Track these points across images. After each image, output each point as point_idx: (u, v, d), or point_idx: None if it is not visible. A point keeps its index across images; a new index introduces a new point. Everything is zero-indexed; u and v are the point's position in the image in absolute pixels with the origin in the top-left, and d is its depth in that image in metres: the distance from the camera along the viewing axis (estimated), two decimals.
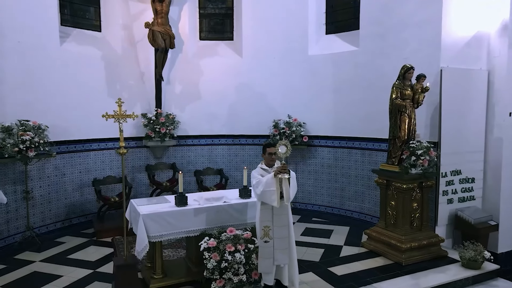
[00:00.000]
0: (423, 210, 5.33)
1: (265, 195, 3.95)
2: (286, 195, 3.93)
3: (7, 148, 5.42)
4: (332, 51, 7.46)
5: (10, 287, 4.45)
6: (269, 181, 3.92)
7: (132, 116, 4.40)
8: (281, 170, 3.89)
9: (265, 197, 3.96)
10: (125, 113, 4.35)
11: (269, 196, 3.93)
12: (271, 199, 3.93)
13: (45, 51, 6.38)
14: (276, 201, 3.94)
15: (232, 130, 8.25)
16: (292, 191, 3.99)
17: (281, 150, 3.96)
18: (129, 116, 4.37)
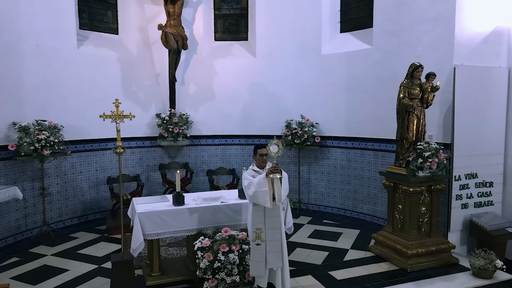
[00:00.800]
0: (433, 214, 5.09)
1: (257, 196, 3.91)
2: (278, 195, 3.87)
3: (24, 147, 5.69)
4: (345, 50, 7.30)
5: (19, 279, 4.67)
6: (261, 181, 3.88)
7: (129, 116, 4.48)
8: (272, 170, 3.84)
9: (257, 198, 3.92)
10: (122, 113, 4.38)
11: (262, 197, 3.88)
12: (263, 199, 3.88)
13: (63, 54, 6.65)
14: (269, 201, 3.89)
15: (246, 130, 8.25)
16: (284, 192, 3.93)
17: (273, 150, 3.92)
18: (126, 116, 4.47)
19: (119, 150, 4.34)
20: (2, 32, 5.78)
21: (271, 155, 3.92)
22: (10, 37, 5.91)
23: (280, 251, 4.06)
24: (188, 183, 7.57)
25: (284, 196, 3.94)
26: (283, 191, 3.90)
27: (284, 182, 3.93)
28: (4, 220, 5.87)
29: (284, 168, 7.76)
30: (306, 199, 7.93)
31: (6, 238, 5.88)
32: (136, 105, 7.72)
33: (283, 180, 3.90)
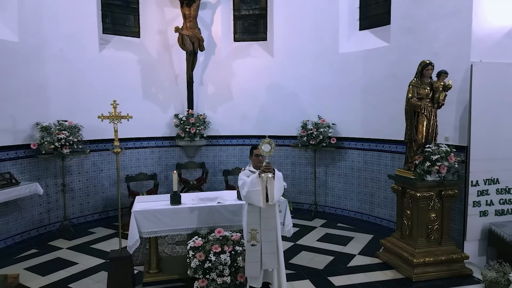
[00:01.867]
0: (444, 221, 4.78)
1: (250, 195, 3.87)
2: (270, 195, 3.80)
3: (44, 146, 6.05)
4: (363, 48, 7.05)
5: (31, 270, 4.98)
6: (254, 181, 3.84)
7: (126, 117, 4.61)
8: (264, 169, 3.80)
9: (251, 197, 3.88)
10: (119, 114, 4.53)
11: (255, 197, 3.84)
12: (257, 199, 3.84)
13: (85, 57, 6.99)
14: (262, 201, 3.84)
15: (263, 131, 8.15)
16: (277, 192, 3.82)
17: (265, 149, 3.87)
18: (123, 117, 4.61)
19: (117, 150, 4.47)
20: (28, 38, 6.18)
21: (263, 154, 3.87)
22: (35, 43, 6.31)
23: (275, 252, 4.00)
24: (203, 183, 7.68)
25: (277, 196, 3.83)
26: (276, 190, 3.81)
27: (278, 181, 3.84)
28: (28, 214, 6.28)
29: (300, 170, 7.79)
30: (323, 201, 7.77)
31: (29, 230, 6.28)
32: (155, 106, 7.97)
33: (277, 180, 3.82)
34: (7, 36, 5.95)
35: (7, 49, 5.90)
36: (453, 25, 5.28)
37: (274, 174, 3.80)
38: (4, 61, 5.86)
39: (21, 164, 6.14)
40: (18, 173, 6.07)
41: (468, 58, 5.05)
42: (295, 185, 8.08)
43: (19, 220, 6.12)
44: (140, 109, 7.70)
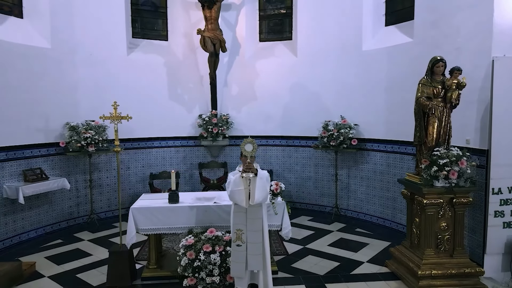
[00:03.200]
0: (456, 231, 4.39)
1: (233, 195, 3.88)
2: (252, 195, 3.77)
3: (72, 144, 6.51)
4: (386, 44, 6.69)
5: (50, 259, 5.38)
6: (237, 180, 3.85)
7: (126, 117, 4.80)
8: (245, 169, 3.78)
9: (234, 197, 3.89)
10: (120, 114, 4.73)
11: (238, 196, 3.85)
12: (239, 199, 3.85)
13: (113, 61, 7.40)
14: (245, 201, 3.84)
15: (286, 131, 8.14)
16: (260, 192, 3.77)
17: (247, 148, 3.88)
18: (124, 117, 4.80)
19: (117, 149, 4.67)
20: (59, 44, 6.69)
21: (245, 154, 3.86)
22: (66, 49, 6.81)
23: (261, 254, 3.97)
24: (224, 182, 7.76)
25: (260, 196, 3.77)
26: (259, 191, 3.76)
27: (261, 182, 3.79)
28: (58, 206, 6.80)
29: (323, 171, 7.61)
30: (345, 204, 7.49)
31: (59, 222, 6.80)
32: (181, 106, 8.21)
33: (259, 180, 3.78)
34: (41, 43, 6.47)
35: (40, 55, 6.42)
36: (475, 17, 4.83)
37: (256, 174, 3.76)
38: (38, 66, 6.39)
39: (52, 160, 6.66)
40: (49, 169, 6.60)
41: (489, 52, 4.58)
42: (317, 187, 7.89)
43: (49, 212, 6.64)
44: (166, 109, 8.03)
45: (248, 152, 3.83)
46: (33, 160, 6.33)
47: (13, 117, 5.99)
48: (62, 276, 4.82)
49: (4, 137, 5.85)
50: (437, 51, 5.45)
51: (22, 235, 6.16)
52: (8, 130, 5.90)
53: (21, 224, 6.15)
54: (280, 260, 5.26)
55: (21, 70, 6.12)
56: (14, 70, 6.01)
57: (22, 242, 6.08)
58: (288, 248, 5.71)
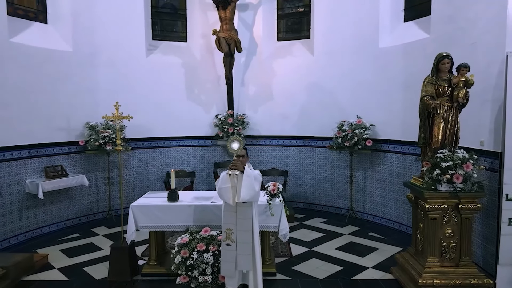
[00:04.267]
0: (462, 239, 4.12)
1: (221, 192, 3.91)
2: (238, 192, 3.76)
3: (90, 142, 6.81)
4: (403, 41, 6.42)
5: (64, 252, 5.66)
6: (224, 178, 3.88)
7: (127, 117, 4.94)
8: (231, 166, 3.79)
9: (222, 194, 3.92)
10: (121, 115, 4.87)
11: (225, 194, 3.88)
12: (227, 196, 3.88)
13: (133, 62, 7.64)
14: (231, 199, 3.84)
15: (303, 131, 8.02)
16: (246, 190, 3.74)
17: (234, 147, 3.91)
18: (125, 117, 4.93)
19: (119, 148, 4.81)
20: (81, 48, 7.01)
21: (232, 152, 3.88)
22: (87, 51, 7.12)
23: (250, 254, 3.96)
24: None
25: (246, 194, 3.74)
26: (245, 189, 3.74)
27: (248, 180, 3.76)
28: (79, 202, 7.13)
29: (339, 173, 7.44)
30: (361, 207, 7.26)
31: (80, 217, 7.13)
32: (198, 106, 8.34)
33: (246, 178, 3.76)
34: (63, 46, 6.82)
35: (62, 58, 6.77)
36: (490, 9, 4.50)
37: (242, 171, 3.74)
38: (60, 68, 6.73)
39: (73, 158, 7.00)
40: (70, 166, 6.94)
41: (503, 47, 4.25)
42: (334, 188, 7.71)
43: (70, 207, 6.99)
44: (184, 109, 8.18)
45: (235, 150, 3.84)
46: (54, 158, 6.69)
47: (36, 117, 6.35)
48: (70, 268, 5.05)
49: (27, 135, 6.22)
50: (453, 47, 5.16)
51: (43, 228, 6.53)
52: (31, 129, 6.27)
53: (42, 218, 6.51)
54: (282, 262, 5.19)
55: (44, 73, 6.48)
56: (38, 73, 6.38)
57: (43, 235, 6.44)
58: (293, 250, 5.62)
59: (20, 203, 6.13)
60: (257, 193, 3.84)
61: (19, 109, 6.09)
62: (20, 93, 6.09)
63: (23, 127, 6.14)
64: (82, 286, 4.54)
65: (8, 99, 5.91)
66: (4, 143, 5.88)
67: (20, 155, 6.13)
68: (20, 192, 6.13)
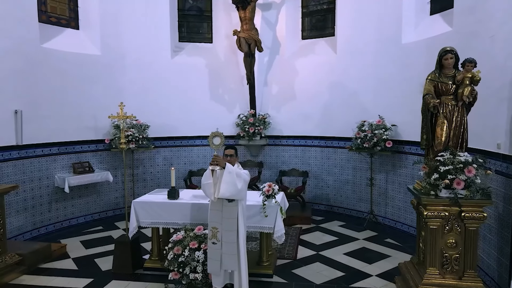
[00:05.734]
0: (467, 250, 3.77)
1: (204, 188, 3.98)
2: (217, 188, 3.77)
3: (115, 141, 7.19)
4: (426, 36, 6.02)
5: (83, 243, 6.05)
6: (207, 174, 3.94)
7: (131, 117, 5.13)
8: (211, 162, 3.81)
9: (205, 190, 3.98)
10: (125, 114, 5.07)
11: (207, 189, 3.93)
12: (209, 192, 3.92)
13: (158, 64, 7.94)
14: (213, 195, 3.87)
15: (325, 132, 7.83)
16: (227, 186, 3.73)
17: (215, 142, 3.94)
18: (129, 117, 5.13)
19: (123, 146, 5.02)
20: (109, 51, 7.42)
21: (213, 148, 3.92)
22: (115, 55, 7.53)
23: (235, 254, 3.95)
24: (256, 180, 7.80)
25: (226, 190, 3.73)
26: (226, 185, 3.74)
27: (229, 176, 3.76)
28: (106, 197, 7.56)
29: (361, 175, 7.18)
30: (382, 212, 6.92)
31: (106, 211, 7.56)
32: (221, 106, 8.45)
33: (227, 174, 3.76)
34: (92, 50, 7.27)
35: (91, 61, 7.21)
36: None
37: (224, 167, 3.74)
38: (89, 71, 7.18)
39: (101, 155, 7.44)
40: (98, 163, 7.38)
41: None
42: (355, 191, 7.43)
43: (97, 201, 7.43)
44: (207, 109, 8.34)
45: (216, 146, 3.86)
46: (83, 155, 7.15)
47: (66, 116, 6.83)
48: (83, 259, 5.38)
49: (57, 133, 6.72)
50: (474, 40, 4.81)
51: (71, 220, 7.01)
52: (61, 127, 6.76)
53: (71, 210, 7.00)
54: (284, 264, 5.11)
55: (75, 75, 6.96)
56: (68, 76, 6.86)
57: (71, 226, 6.92)
58: (299, 253, 5.51)
59: (49, 196, 6.63)
60: (239, 190, 3.81)
61: (50, 109, 6.58)
62: (51, 94, 6.59)
63: (53, 126, 6.64)
64: (88, 276, 4.80)
65: (40, 100, 6.41)
66: (35, 140, 6.39)
67: (50, 151, 6.63)
68: (49, 186, 6.63)
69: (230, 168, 3.78)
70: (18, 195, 6.10)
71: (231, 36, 8.35)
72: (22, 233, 6.18)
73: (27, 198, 6.26)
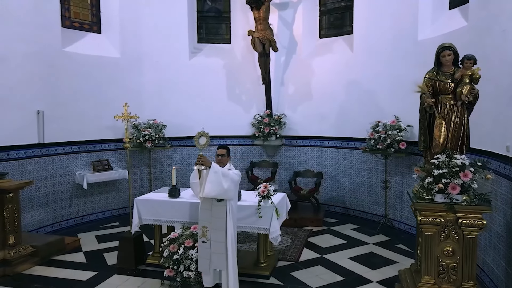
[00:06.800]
0: (465, 259, 3.54)
1: (192, 187, 4.15)
2: (202, 187, 3.82)
3: (132, 140, 7.45)
4: (443, 31, 5.71)
5: (97, 237, 6.34)
6: (194, 173, 4.03)
7: (134, 117, 5.27)
8: (196, 162, 3.86)
9: (193, 189, 4.15)
10: (129, 114, 5.23)
11: (194, 188, 4.08)
12: (196, 191, 4.07)
13: (176, 66, 8.13)
14: (199, 194, 3.93)
15: (341, 132, 7.65)
16: (211, 185, 3.78)
17: (201, 142, 3.99)
18: (133, 117, 5.28)
19: (127, 145, 5.19)
20: (128, 54, 7.71)
21: (198, 147, 3.98)
22: (134, 56, 7.80)
23: (224, 254, 3.99)
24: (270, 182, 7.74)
25: (210, 190, 3.79)
26: (210, 184, 3.78)
27: (213, 176, 3.79)
28: (125, 194, 7.85)
29: (377, 177, 6.98)
30: (398, 216, 6.65)
31: (125, 207, 7.85)
32: (238, 106, 8.50)
33: (213, 174, 3.79)
34: (112, 53, 7.58)
35: (111, 63, 7.52)
36: None
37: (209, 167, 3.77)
38: (109, 73, 7.50)
39: (120, 154, 7.74)
40: (117, 161, 7.68)
41: None
42: (371, 194, 7.19)
43: (117, 198, 7.74)
44: (225, 109, 8.42)
45: (201, 145, 3.91)
46: (102, 153, 7.48)
47: (87, 116, 7.17)
48: (93, 253, 5.63)
49: (78, 133, 7.07)
50: (487, 35, 4.56)
51: (91, 215, 7.35)
52: (81, 127, 7.10)
53: (90, 206, 7.34)
54: (285, 266, 5.06)
55: (95, 77, 7.29)
56: (89, 78, 7.19)
57: (90, 221, 7.25)
58: (303, 255, 5.43)
59: (70, 192, 7.00)
60: (226, 190, 3.82)
61: (72, 109, 6.93)
62: (72, 96, 6.94)
63: (74, 125, 6.99)
64: (93, 269, 5.02)
65: (61, 101, 6.77)
66: (57, 139, 6.76)
67: (71, 149, 7.00)
68: (70, 182, 6.99)
69: (215, 168, 3.81)
70: (40, 190, 6.48)
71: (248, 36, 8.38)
72: (44, 226, 6.56)
73: (48, 193, 6.64)
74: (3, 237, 4.91)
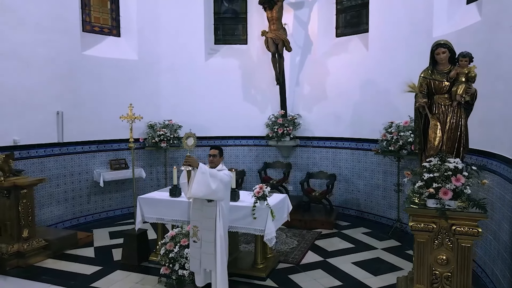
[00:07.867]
0: (460, 269, 3.34)
1: (181, 187, 4.18)
2: (189, 188, 3.85)
3: (148, 140, 7.66)
4: (458, 27, 5.43)
5: (110, 233, 6.56)
6: (183, 174, 4.07)
7: (139, 117, 5.41)
8: (184, 163, 3.90)
9: (182, 189, 4.18)
10: (134, 115, 5.37)
11: (183, 189, 4.09)
12: (184, 191, 4.06)
13: (192, 67, 8.26)
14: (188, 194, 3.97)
15: (356, 133, 7.47)
16: (198, 186, 3.79)
17: (189, 143, 4.04)
18: (137, 117, 5.41)
19: (131, 145, 5.34)
20: (145, 56, 7.94)
21: (186, 148, 4.03)
22: (151, 59, 8.02)
23: (213, 254, 4.00)
24: (283, 182, 7.71)
25: (197, 190, 3.80)
26: (197, 185, 3.80)
27: (201, 176, 3.81)
28: (141, 192, 7.89)
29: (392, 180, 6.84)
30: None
31: None
32: (254, 106, 8.51)
33: (200, 175, 3.81)
34: (130, 55, 7.83)
35: (129, 66, 7.78)
36: None
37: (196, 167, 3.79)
38: (127, 75, 7.75)
39: (137, 153, 7.98)
40: (134, 160, 7.90)
41: None
42: (386, 197, 6.96)
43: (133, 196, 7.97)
44: (240, 109, 8.47)
45: (189, 146, 3.95)
46: (120, 152, 7.75)
47: (105, 116, 7.43)
48: (103, 248, 5.84)
49: (96, 132, 7.36)
50: (497, 31, 4.27)
51: (109, 212, 7.63)
52: (99, 127, 7.39)
53: (108, 203, 7.63)
54: (284, 268, 5.01)
55: (113, 79, 7.56)
56: (107, 79, 7.48)
57: (107, 217, 7.54)
58: (306, 258, 5.35)
59: (88, 189, 7.31)
60: (214, 191, 3.83)
61: (90, 110, 7.24)
62: (91, 97, 7.24)
63: (92, 125, 7.29)
64: (99, 264, 5.21)
65: (80, 102, 7.09)
66: (76, 138, 7.08)
67: (89, 149, 7.31)
68: (89, 180, 7.30)
69: (203, 168, 3.83)
70: (59, 187, 6.82)
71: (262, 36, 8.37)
72: (63, 221, 6.90)
73: (67, 190, 6.97)
74: (18, 230, 5.22)
